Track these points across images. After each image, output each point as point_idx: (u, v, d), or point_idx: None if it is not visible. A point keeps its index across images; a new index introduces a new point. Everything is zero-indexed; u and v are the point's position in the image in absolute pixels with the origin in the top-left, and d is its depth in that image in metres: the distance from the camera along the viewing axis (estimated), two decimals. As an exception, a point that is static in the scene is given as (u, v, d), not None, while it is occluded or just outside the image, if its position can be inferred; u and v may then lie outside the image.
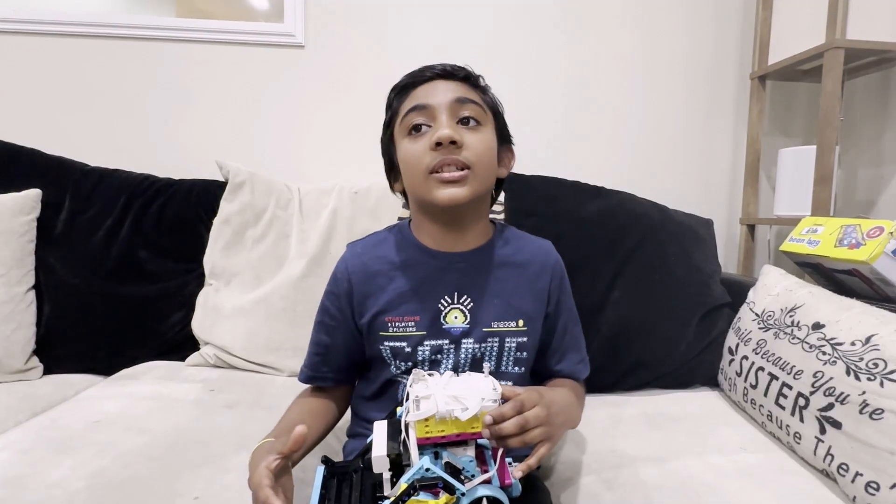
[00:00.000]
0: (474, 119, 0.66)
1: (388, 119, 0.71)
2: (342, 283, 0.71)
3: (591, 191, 1.18)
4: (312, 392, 0.74)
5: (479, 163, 0.64)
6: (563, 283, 0.76)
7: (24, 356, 1.05)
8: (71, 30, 1.35)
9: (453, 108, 0.65)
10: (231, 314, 1.12)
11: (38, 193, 1.14)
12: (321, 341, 0.73)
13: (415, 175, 0.65)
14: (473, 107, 0.66)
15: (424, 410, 0.49)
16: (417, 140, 0.65)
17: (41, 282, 1.11)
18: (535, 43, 1.45)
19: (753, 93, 1.44)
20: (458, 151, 0.63)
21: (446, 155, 0.63)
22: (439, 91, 0.65)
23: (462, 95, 0.65)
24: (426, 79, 0.67)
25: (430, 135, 0.63)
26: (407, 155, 0.66)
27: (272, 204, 1.20)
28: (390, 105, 0.70)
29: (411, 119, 0.65)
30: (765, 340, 0.89)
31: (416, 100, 0.66)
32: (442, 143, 0.62)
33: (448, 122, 0.64)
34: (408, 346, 0.68)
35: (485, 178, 0.67)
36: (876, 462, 0.64)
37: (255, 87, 1.42)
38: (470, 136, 0.64)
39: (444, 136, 0.62)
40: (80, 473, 0.68)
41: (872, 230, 0.86)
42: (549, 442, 0.56)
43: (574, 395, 0.72)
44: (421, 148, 0.64)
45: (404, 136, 0.66)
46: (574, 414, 0.70)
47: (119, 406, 0.89)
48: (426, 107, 0.65)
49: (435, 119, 0.64)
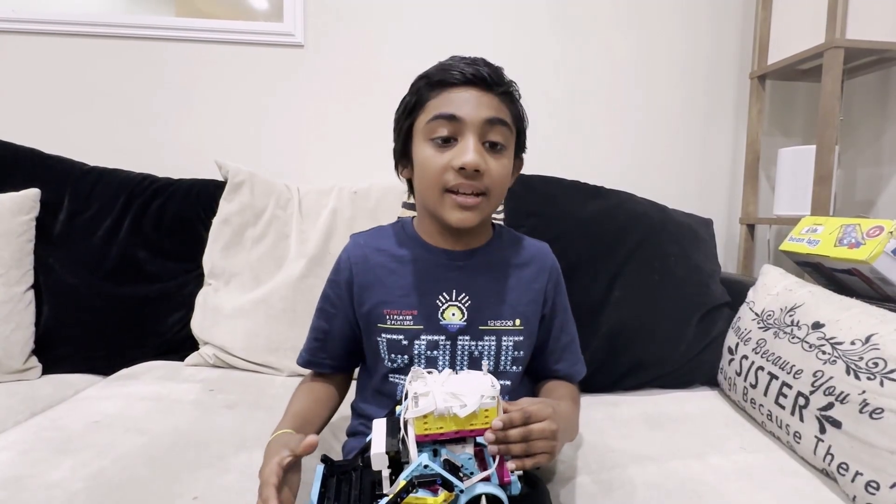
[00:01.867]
0: (502, 144, 0.65)
1: (412, 106, 0.67)
2: (344, 272, 0.72)
3: (591, 191, 1.18)
4: (314, 378, 0.76)
5: (495, 188, 0.65)
6: (560, 284, 0.77)
7: (23, 356, 1.05)
8: (70, 29, 1.35)
9: (483, 130, 0.63)
10: (230, 314, 1.11)
11: (37, 193, 1.14)
12: (320, 327, 0.75)
13: (430, 187, 0.65)
14: (503, 130, 0.64)
15: (423, 407, 0.48)
16: (441, 152, 0.63)
17: (40, 282, 1.11)
18: (534, 43, 1.45)
19: (753, 92, 1.44)
20: (480, 178, 0.63)
21: (467, 179, 0.62)
22: (473, 104, 0.62)
23: (494, 115, 0.63)
24: (462, 82, 0.63)
25: (454, 152, 0.62)
26: (426, 163, 0.64)
27: (272, 204, 1.20)
28: (416, 92, 0.66)
29: (438, 126, 0.63)
30: (764, 340, 0.89)
31: (447, 107, 0.63)
32: (466, 169, 0.62)
33: (475, 145, 0.62)
34: (405, 339, 0.68)
35: (497, 201, 0.68)
36: (876, 461, 0.64)
37: (255, 86, 1.41)
38: (493, 162, 0.64)
39: (469, 164, 0.61)
40: (80, 474, 0.68)
41: (872, 229, 0.86)
42: (550, 454, 0.55)
43: (574, 407, 0.72)
44: (443, 163, 0.63)
45: (426, 140, 0.64)
46: (573, 429, 0.70)
47: (118, 406, 0.88)
48: (457, 119, 0.62)
49: (462, 134, 0.63)
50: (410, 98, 0.68)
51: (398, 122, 0.70)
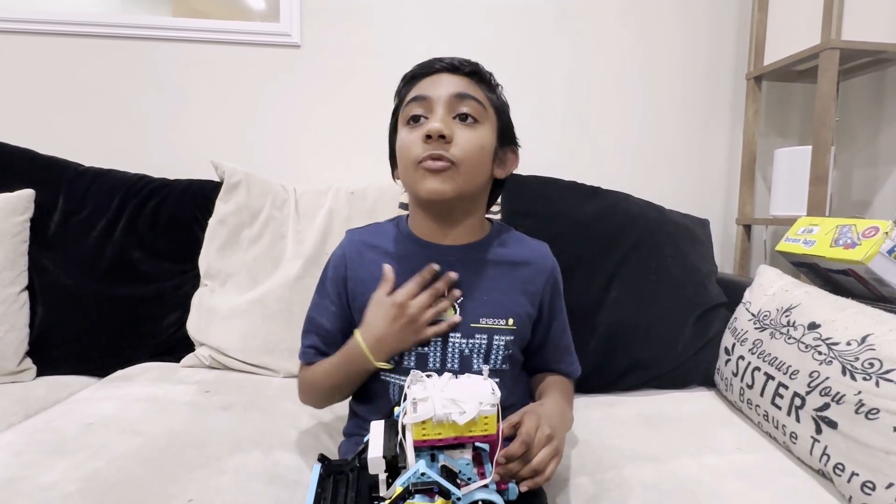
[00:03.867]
0: (472, 116, 0.66)
1: (395, 107, 0.72)
2: (338, 268, 0.73)
3: (588, 191, 1.18)
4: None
5: (465, 160, 0.64)
6: (558, 286, 0.77)
7: (17, 358, 1.04)
8: (65, 29, 1.34)
9: (451, 103, 0.65)
10: (227, 315, 1.11)
11: (31, 194, 1.13)
12: (316, 321, 0.74)
13: (405, 164, 0.67)
14: (473, 103, 0.66)
15: (422, 413, 0.48)
16: (413, 130, 0.66)
17: (34, 283, 1.10)
18: (531, 43, 1.45)
19: (749, 93, 1.44)
20: (447, 147, 0.64)
21: (434, 149, 0.63)
22: (442, 84, 0.66)
23: (462, 91, 0.66)
24: (433, 71, 0.68)
25: (424, 126, 0.64)
26: (401, 143, 0.68)
27: (268, 204, 1.20)
28: (398, 93, 0.72)
29: (411, 109, 0.67)
30: (761, 340, 0.89)
31: (419, 90, 0.67)
32: (431, 136, 0.63)
33: (443, 116, 0.65)
34: None
35: (471, 177, 0.67)
36: (871, 462, 0.64)
37: (251, 86, 1.41)
38: (463, 132, 0.65)
39: (433, 130, 0.63)
40: (74, 476, 0.67)
41: (868, 230, 0.86)
42: (558, 456, 0.56)
43: (564, 397, 0.73)
44: (414, 138, 0.65)
45: (403, 125, 0.68)
46: (568, 417, 0.71)
47: (113, 408, 0.88)
48: (426, 98, 0.66)
49: (432, 112, 0.65)
50: (395, 101, 0.72)
51: (390, 124, 0.74)
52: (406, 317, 0.64)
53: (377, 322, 0.66)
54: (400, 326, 0.65)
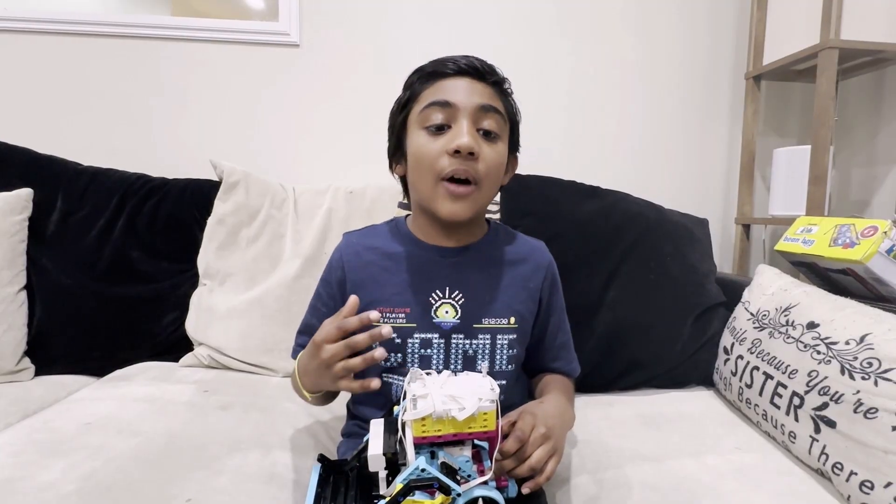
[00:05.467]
0: (494, 132, 0.65)
1: (405, 101, 0.68)
2: (336, 271, 0.72)
3: (587, 191, 1.18)
4: None
5: (488, 176, 0.64)
6: (555, 283, 0.77)
7: (15, 357, 1.04)
8: (64, 28, 1.34)
9: (477, 116, 0.63)
10: (225, 315, 1.11)
11: (29, 193, 1.13)
12: (313, 324, 0.73)
13: (425, 176, 0.64)
14: (496, 117, 0.65)
15: (421, 410, 0.48)
16: (435, 139, 0.63)
17: (33, 282, 1.10)
18: (531, 44, 1.45)
19: (748, 93, 1.44)
20: (475, 163, 0.63)
21: (462, 164, 0.62)
22: (466, 91, 0.64)
23: (488, 103, 0.64)
24: (455, 72, 0.65)
25: (448, 137, 0.62)
26: (420, 151, 0.64)
27: (267, 204, 1.19)
28: (410, 86, 0.68)
29: (431, 113, 0.63)
30: (760, 340, 0.89)
31: (441, 94, 0.64)
32: (461, 152, 0.61)
33: (469, 128, 0.62)
34: (398, 337, 0.68)
35: (489, 194, 0.67)
36: (870, 461, 0.64)
37: (250, 86, 1.41)
38: (487, 148, 0.64)
39: (464, 146, 0.61)
40: (72, 476, 0.67)
41: (867, 229, 0.86)
42: (556, 455, 0.56)
43: (564, 396, 0.72)
44: (437, 149, 0.63)
45: (420, 128, 0.65)
46: (568, 416, 0.70)
47: (111, 408, 0.88)
48: (451, 105, 0.63)
49: (455, 120, 0.63)
50: (404, 93, 0.69)
51: (392, 117, 0.71)
52: (319, 359, 0.59)
53: (306, 353, 0.63)
54: (315, 366, 0.60)
